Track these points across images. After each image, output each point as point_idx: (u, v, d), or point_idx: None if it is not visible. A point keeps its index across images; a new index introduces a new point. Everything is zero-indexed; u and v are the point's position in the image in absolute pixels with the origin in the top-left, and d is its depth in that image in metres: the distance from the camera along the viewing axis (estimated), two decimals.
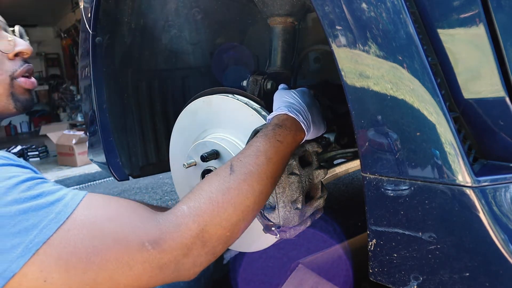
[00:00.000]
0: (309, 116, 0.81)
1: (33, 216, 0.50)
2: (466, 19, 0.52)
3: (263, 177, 0.67)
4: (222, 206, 0.61)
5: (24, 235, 0.49)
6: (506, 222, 0.51)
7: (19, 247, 0.48)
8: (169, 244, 0.55)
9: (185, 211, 0.59)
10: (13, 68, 0.73)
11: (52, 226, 0.50)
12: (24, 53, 0.75)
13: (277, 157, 0.71)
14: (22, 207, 0.50)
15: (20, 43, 0.74)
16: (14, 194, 0.51)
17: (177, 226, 0.57)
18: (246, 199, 0.64)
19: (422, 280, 0.59)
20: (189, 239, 0.57)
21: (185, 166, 0.97)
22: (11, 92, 0.72)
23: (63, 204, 0.53)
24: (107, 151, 1.46)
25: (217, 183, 0.64)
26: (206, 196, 0.61)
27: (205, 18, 1.41)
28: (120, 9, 1.32)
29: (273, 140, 0.71)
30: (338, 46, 0.61)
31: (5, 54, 0.72)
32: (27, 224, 0.49)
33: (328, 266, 1.13)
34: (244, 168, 0.66)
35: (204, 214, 0.59)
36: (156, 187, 3.41)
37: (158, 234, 0.55)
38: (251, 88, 1.02)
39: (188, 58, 1.55)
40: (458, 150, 0.53)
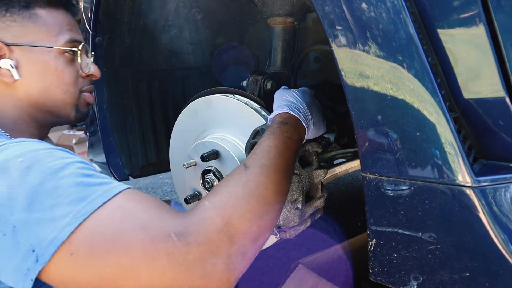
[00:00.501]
0: (308, 115, 0.82)
1: (84, 190, 0.55)
2: (466, 19, 0.52)
3: (278, 169, 0.68)
4: (243, 198, 0.61)
5: (74, 205, 0.53)
6: (506, 222, 0.51)
7: (69, 215, 0.52)
8: (194, 237, 0.54)
9: (207, 206, 0.59)
10: (82, 85, 0.86)
11: (98, 201, 0.54)
12: (93, 76, 0.88)
13: (288, 152, 0.72)
14: (76, 181, 0.55)
15: (93, 68, 0.88)
16: (70, 170, 0.57)
17: (201, 220, 0.56)
18: (266, 189, 0.64)
19: (422, 280, 0.59)
20: (215, 233, 0.55)
21: (185, 166, 0.97)
22: (76, 104, 0.85)
23: (110, 186, 0.57)
24: (107, 151, 1.46)
25: (234, 179, 0.64)
26: (225, 191, 0.62)
27: (205, 18, 1.41)
28: (120, 9, 1.32)
29: (281, 136, 0.73)
30: (338, 46, 0.61)
31: (80, 72, 0.85)
32: (78, 196, 0.54)
33: (328, 266, 1.13)
34: (258, 162, 0.67)
35: (227, 207, 0.59)
36: (156, 187, 3.41)
37: (184, 226, 0.55)
38: (251, 88, 1.02)
39: (188, 58, 1.56)
40: (458, 150, 0.53)
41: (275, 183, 0.66)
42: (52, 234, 0.51)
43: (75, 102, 0.84)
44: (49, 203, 0.53)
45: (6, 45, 0.75)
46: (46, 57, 0.78)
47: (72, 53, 0.82)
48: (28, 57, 0.77)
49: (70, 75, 0.82)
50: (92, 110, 1.47)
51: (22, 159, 0.56)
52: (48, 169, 0.55)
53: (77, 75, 0.84)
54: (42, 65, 0.78)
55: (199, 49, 1.54)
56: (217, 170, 0.94)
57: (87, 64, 0.86)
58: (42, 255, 0.50)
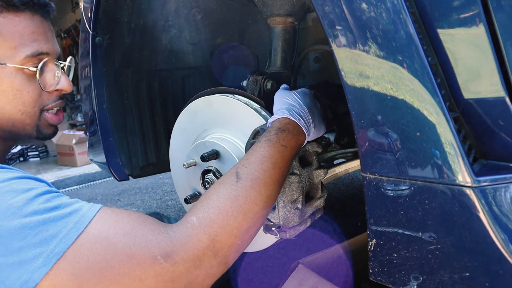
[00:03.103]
0: (309, 119, 0.81)
1: (53, 226, 0.51)
2: (466, 19, 0.52)
3: (269, 182, 0.67)
4: (232, 214, 0.61)
5: (44, 245, 0.49)
6: (506, 222, 0.51)
7: (41, 257, 0.49)
8: (181, 256, 0.55)
9: (195, 223, 0.58)
10: (46, 102, 0.75)
11: (71, 236, 0.51)
12: (63, 91, 0.77)
13: (282, 162, 0.71)
14: (42, 218, 0.51)
15: (62, 81, 0.76)
16: (34, 206, 0.52)
17: (188, 238, 0.57)
18: (255, 205, 0.64)
19: (422, 280, 0.59)
20: (200, 251, 0.56)
21: (185, 166, 0.97)
22: (37, 124, 0.75)
23: (81, 215, 0.54)
24: (107, 151, 1.46)
25: (225, 191, 0.63)
26: (214, 206, 0.61)
27: (205, 18, 1.41)
28: (120, 9, 1.32)
29: (277, 145, 0.71)
30: (338, 46, 0.61)
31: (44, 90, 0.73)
32: (47, 235, 0.50)
33: (328, 266, 1.13)
34: (251, 175, 0.66)
35: (214, 225, 0.59)
36: (156, 187, 3.41)
37: (170, 247, 0.55)
38: (251, 88, 1.02)
39: (188, 58, 1.55)
40: (458, 150, 0.53)
41: (265, 197, 0.66)
42: (23, 278, 0.47)
43: (35, 123, 0.73)
44: (16, 246, 0.48)
45: None
46: (0, 74, 0.67)
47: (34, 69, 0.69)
48: None
49: (30, 94, 0.70)
50: (92, 110, 1.47)
51: None
52: (9, 208, 0.50)
53: (40, 92, 0.72)
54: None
55: (199, 49, 1.54)
56: (217, 170, 0.94)
57: (55, 78, 0.74)
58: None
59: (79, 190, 3.88)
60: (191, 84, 1.64)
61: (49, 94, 0.75)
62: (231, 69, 1.55)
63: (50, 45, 0.73)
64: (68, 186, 4.04)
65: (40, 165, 4.96)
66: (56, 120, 0.78)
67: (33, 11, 0.70)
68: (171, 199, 3.01)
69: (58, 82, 0.75)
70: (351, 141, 1.26)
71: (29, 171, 3.80)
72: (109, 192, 3.45)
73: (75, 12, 8.25)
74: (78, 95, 8.47)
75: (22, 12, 0.68)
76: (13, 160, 5.20)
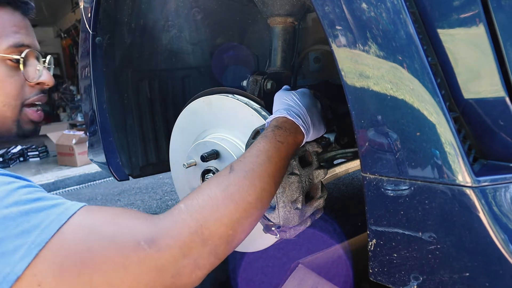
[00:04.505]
0: (308, 119, 0.81)
1: (35, 217, 0.50)
2: (466, 19, 0.52)
3: (264, 175, 0.66)
4: (222, 201, 0.59)
5: (26, 236, 0.48)
6: (506, 222, 0.51)
7: (22, 249, 0.47)
8: (166, 242, 0.53)
9: (183, 208, 0.57)
10: (28, 95, 0.75)
11: (53, 226, 0.50)
12: (45, 84, 0.78)
13: (278, 157, 0.70)
14: (24, 209, 0.50)
15: (44, 74, 0.77)
16: (15, 197, 0.51)
17: (174, 223, 0.55)
18: (248, 195, 0.62)
19: (422, 280, 0.59)
20: (187, 236, 0.55)
21: (185, 166, 0.97)
22: (18, 119, 0.74)
23: (64, 208, 0.53)
24: (107, 151, 1.46)
25: (216, 182, 0.63)
26: (204, 193, 0.60)
27: (205, 18, 1.41)
28: (120, 9, 1.32)
29: (273, 140, 0.71)
30: (338, 46, 0.61)
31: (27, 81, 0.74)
32: (28, 225, 0.49)
33: (328, 266, 1.13)
34: (245, 166, 0.65)
35: (203, 210, 0.57)
36: (156, 187, 3.41)
37: (155, 232, 0.53)
38: (251, 88, 1.02)
39: (188, 58, 1.56)
40: (458, 150, 0.53)
41: (259, 189, 0.64)
42: (5, 270, 0.46)
43: (15, 117, 0.73)
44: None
45: None
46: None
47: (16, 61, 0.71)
48: None
49: (12, 85, 0.71)
50: (92, 110, 1.47)
51: None
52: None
53: (22, 84, 0.73)
54: None
55: (199, 49, 1.54)
56: (217, 170, 0.94)
57: (36, 71, 0.75)
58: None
59: (79, 190, 3.88)
60: (191, 84, 1.64)
61: (31, 87, 0.75)
62: (231, 69, 1.55)
63: (31, 39, 0.75)
64: (68, 186, 4.04)
65: (40, 165, 4.96)
66: (37, 117, 0.78)
67: (14, 7, 0.73)
68: (171, 199, 3.01)
69: (40, 75, 0.76)
70: (351, 141, 1.26)
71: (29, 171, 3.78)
72: (109, 192, 3.45)
73: (75, 12, 8.24)
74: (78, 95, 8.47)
75: (3, 7, 0.71)
76: (13, 160, 5.20)
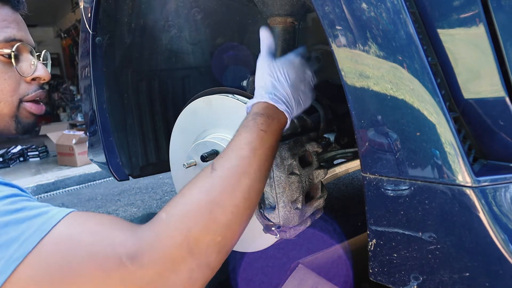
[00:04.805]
0: (292, 101, 0.74)
1: (14, 229, 0.47)
2: (466, 19, 0.52)
3: (249, 171, 0.60)
4: (206, 207, 0.54)
5: (4, 249, 0.46)
6: (506, 222, 0.51)
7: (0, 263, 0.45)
8: (149, 258, 0.48)
9: (164, 218, 0.53)
10: (26, 92, 0.73)
11: (33, 239, 0.47)
12: (41, 79, 0.75)
13: (263, 148, 0.64)
14: (3, 220, 0.48)
15: (39, 69, 0.74)
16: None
17: (156, 235, 0.50)
18: (233, 196, 0.57)
19: (422, 280, 0.59)
20: (172, 250, 0.50)
21: (185, 166, 0.97)
22: (16, 115, 0.72)
23: (47, 217, 0.50)
24: (107, 151, 1.46)
25: (198, 184, 0.58)
26: (186, 199, 0.55)
27: (205, 18, 1.41)
28: (120, 9, 1.32)
29: (255, 130, 0.65)
30: (338, 46, 0.61)
31: (23, 77, 0.72)
32: (7, 238, 0.47)
33: (328, 266, 1.13)
34: (227, 164, 0.60)
35: (185, 219, 0.52)
36: (156, 187, 3.41)
37: (136, 246, 0.49)
38: (251, 88, 1.02)
39: (188, 58, 1.56)
40: (458, 150, 0.53)
41: (246, 187, 0.59)
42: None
43: (13, 113, 0.71)
44: None
45: None
46: None
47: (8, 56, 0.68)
48: None
49: (7, 81, 0.69)
50: (92, 110, 1.47)
51: None
52: None
53: (18, 80, 0.71)
54: None
55: (199, 49, 1.54)
56: None
57: (31, 66, 0.73)
58: None
59: (79, 190, 3.88)
60: (191, 84, 1.64)
61: (27, 84, 0.73)
62: (231, 69, 1.55)
63: (23, 33, 0.72)
64: (68, 186, 4.04)
65: (40, 165, 4.96)
66: (37, 109, 0.76)
67: (3, 2, 0.70)
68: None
69: (35, 70, 0.73)
70: (351, 141, 1.26)
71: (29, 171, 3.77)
72: (109, 192, 3.45)
73: (75, 12, 8.24)
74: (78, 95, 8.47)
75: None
76: (13, 160, 5.20)
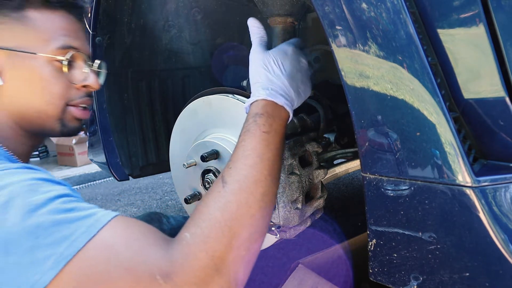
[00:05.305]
0: (291, 92, 0.72)
1: (66, 227, 0.51)
2: (466, 19, 0.52)
3: (260, 178, 0.61)
4: (225, 223, 0.55)
5: (56, 246, 0.49)
6: (506, 222, 0.51)
7: (51, 259, 0.48)
8: (181, 278, 0.51)
9: (189, 240, 0.55)
10: (73, 97, 0.77)
11: (82, 239, 0.50)
12: (90, 87, 0.79)
13: (270, 151, 0.64)
14: (56, 219, 0.51)
15: (90, 78, 0.78)
16: (51, 206, 0.52)
17: (185, 256, 0.53)
18: (249, 208, 0.58)
19: (422, 280, 0.59)
20: (201, 271, 0.52)
21: (185, 166, 0.97)
22: (61, 117, 0.76)
23: (94, 219, 0.53)
24: (107, 151, 1.46)
25: (213, 201, 0.59)
26: (205, 218, 0.57)
27: (205, 18, 1.41)
28: (120, 9, 1.32)
29: (258, 133, 0.64)
30: (338, 46, 0.61)
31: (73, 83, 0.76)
32: (60, 236, 0.50)
33: (328, 266, 1.13)
34: (237, 176, 0.61)
35: (208, 239, 0.54)
36: (156, 187, 3.41)
37: (169, 267, 0.52)
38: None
39: (188, 58, 1.56)
40: (458, 150, 0.53)
41: (260, 195, 0.60)
42: (34, 278, 0.47)
43: (59, 115, 0.75)
44: (28, 245, 0.49)
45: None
46: (31, 63, 0.71)
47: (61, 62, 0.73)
48: (12, 62, 0.70)
49: (57, 85, 0.73)
50: (92, 110, 1.47)
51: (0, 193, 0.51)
52: (26, 206, 0.51)
53: (68, 85, 0.75)
54: (26, 72, 0.71)
55: (199, 49, 1.54)
56: (217, 170, 0.94)
57: (83, 74, 0.77)
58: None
59: (79, 190, 3.88)
60: (191, 84, 1.64)
61: (76, 90, 0.77)
62: (231, 69, 1.55)
63: (80, 43, 0.76)
64: None
65: (40, 165, 4.91)
66: (82, 115, 0.79)
67: (67, 11, 0.75)
68: (171, 199, 3.01)
69: (86, 78, 0.78)
70: (351, 141, 1.26)
71: None
72: (109, 192, 3.45)
73: None
74: None
75: (57, 10, 0.74)
76: None
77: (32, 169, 0.59)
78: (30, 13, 0.71)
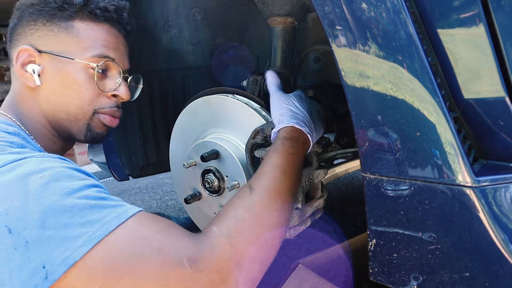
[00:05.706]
0: (312, 125, 0.81)
1: (99, 212, 0.55)
2: (466, 19, 0.52)
3: (282, 190, 0.68)
4: (250, 223, 0.61)
5: (88, 226, 0.53)
6: (506, 222, 0.51)
7: (83, 237, 0.52)
8: (205, 265, 0.55)
9: (216, 232, 0.59)
10: (103, 105, 0.83)
11: (113, 223, 0.54)
12: (119, 97, 0.85)
13: (292, 170, 0.71)
14: (91, 203, 0.56)
15: (121, 89, 0.85)
16: (87, 192, 0.57)
17: (212, 247, 0.57)
18: (271, 213, 0.64)
19: (422, 280, 0.59)
20: (224, 262, 0.56)
21: (185, 166, 0.97)
22: (89, 123, 0.83)
23: (124, 209, 0.58)
24: (107, 151, 1.46)
25: (240, 203, 0.64)
26: (232, 216, 0.62)
27: (205, 18, 1.41)
28: None
29: (285, 154, 0.72)
30: (338, 46, 0.61)
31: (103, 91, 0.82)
32: (93, 218, 0.54)
33: (328, 266, 1.13)
34: (264, 184, 0.67)
35: (235, 234, 0.59)
36: (156, 187, 3.41)
37: (196, 253, 0.56)
38: (251, 88, 1.02)
39: (188, 58, 1.55)
40: (458, 150, 0.53)
41: (280, 205, 0.66)
42: (65, 253, 0.51)
43: (86, 120, 0.82)
44: (64, 222, 0.52)
45: (38, 52, 0.77)
46: (68, 68, 0.78)
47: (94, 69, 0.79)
48: (53, 65, 0.77)
49: (89, 91, 0.80)
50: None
51: (41, 175, 0.56)
52: (65, 188, 0.56)
53: (99, 93, 0.81)
54: (62, 75, 0.78)
55: (199, 49, 1.54)
56: (217, 170, 0.94)
57: (115, 84, 0.83)
58: (52, 273, 0.50)
59: None
60: (191, 84, 1.64)
61: (107, 98, 0.83)
62: (231, 69, 1.55)
63: (118, 55, 0.83)
64: None
65: None
66: (110, 122, 0.86)
67: (111, 25, 0.82)
68: (171, 199, 3.01)
69: (117, 88, 0.84)
70: (351, 141, 1.26)
71: None
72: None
73: None
74: None
75: (101, 23, 0.81)
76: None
77: (68, 161, 0.64)
78: (76, 23, 0.78)
